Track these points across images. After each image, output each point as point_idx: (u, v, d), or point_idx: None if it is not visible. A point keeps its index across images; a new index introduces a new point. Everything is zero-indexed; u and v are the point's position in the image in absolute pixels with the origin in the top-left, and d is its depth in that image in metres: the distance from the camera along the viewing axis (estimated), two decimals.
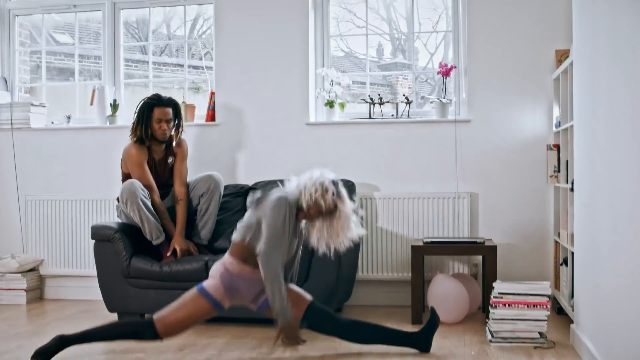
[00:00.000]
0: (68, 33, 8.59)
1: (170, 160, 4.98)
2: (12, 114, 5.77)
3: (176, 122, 4.94)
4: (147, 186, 4.78)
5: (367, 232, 5.24)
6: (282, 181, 3.89)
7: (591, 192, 3.58)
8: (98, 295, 5.41)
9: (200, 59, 8.59)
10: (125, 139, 5.57)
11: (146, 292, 4.68)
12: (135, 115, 4.88)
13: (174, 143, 4.98)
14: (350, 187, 5.05)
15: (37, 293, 5.70)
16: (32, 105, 5.80)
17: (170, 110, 4.88)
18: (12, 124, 5.78)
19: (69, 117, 5.90)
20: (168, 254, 4.70)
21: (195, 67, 8.71)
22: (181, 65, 7.44)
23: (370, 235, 5.25)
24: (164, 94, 5.03)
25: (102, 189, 5.67)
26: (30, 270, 5.66)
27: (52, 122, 5.95)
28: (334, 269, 4.44)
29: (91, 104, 5.84)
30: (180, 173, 4.95)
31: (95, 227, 4.77)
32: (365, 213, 5.25)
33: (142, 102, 4.91)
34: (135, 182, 4.68)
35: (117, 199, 4.86)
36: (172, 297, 4.57)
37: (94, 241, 4.83)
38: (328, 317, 3.81)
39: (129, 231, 4.77)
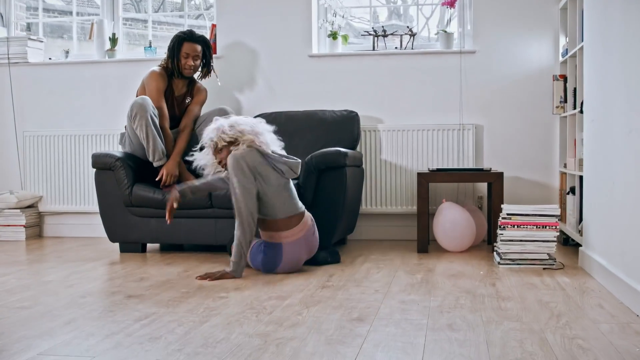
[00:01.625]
0: None
1: (187, 100, 4.94)
2: (9, 48, 5.67)
3: (205, 61, 4.93)
4: (159, 110, 4.70)
5: (371, 165, 5.19)
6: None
7: (603, 106, 3.52)
8: (97, 232, 5.38)
9: (196, 18, 8.45)
10: (124, 73, 5.51)
11: (148, 221, 4.62)
12: (167, 49, 4.85)
13: (197, 86, 4.98)
14: (353, 117, 4.99)
15: (36, 230, 5.63)
16: (30, 39, 5.69)
17: (199, 47, 4.84)
18: (9, 58, 5.67)
19: (67, 52, 5.79)
20: (157, 179, 4.61)
21: (192, 26, 8.58)
22: (177, 25, 7.30)
23: (374, 168, 5.19)
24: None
25: (101, 124, 5.59)
26: (29, 207, 5.59)
27: (50, 58, 5.84)
28: (339, 196, 4.37)
29: (89, 38, 5.73)
30: (191, 111, 4.91)
31: (96, 155, 4.69)
32: (369, 145, 5.19)
33: (175, 35, 4.86)
34: (147, 98, 4.59)
35: (125, 127, 4.79)
36: (175, 225, 4.55)
37: (94, 170, 4.76)
38: None
39: (131, 159, 4.69)
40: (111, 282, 3.67)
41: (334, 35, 5.31)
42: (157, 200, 4.54)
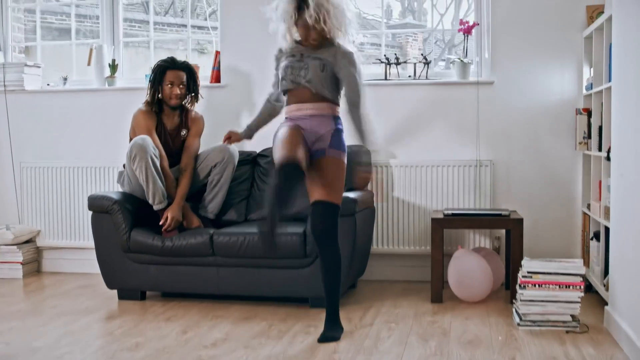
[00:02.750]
0: None
1: (183, 132, 4.67)
2: (5, 75, 5.43)
3: (191, 87, 4.65)
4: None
5: (382, 202, 4.92)
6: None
7: (633, 161, 3.24)
8: (98, 269, 5.14)
9: (205, 19, 8.19)
10: (125, 101, 5.27)
11: (147, 267, 4.38)
12: (149, 80, 4.60)
13: (191, 115, 4.70)
14: (365, 153, 4.73)
15: (34, 266, 5.41)
16: (26, 65, 5.45)
17: (183, 74, 4.58)
18: (5, 85, 5.44)
19: (65, 79, 5.55)
20: (160, 222, 4.38)
21: (200, 28, 8.28)
22: (186, 26, 7.07)
23: (386, 206, 4.93)
24: (167, 54, 4.72)
25: (101, 154, 5.34)
26: (27, 242, 5.37)
27: (48, 84, 5.60)
28: (349, 242, 4.12)
29: (88, 64, 5.48)
30: (190, 146, 4.63)
31: (93, 197, 4.45)
32: (380, 182, 4.93)
33: (155, 64, 4.62)
34: (147, 139, 4.35)
35: (123, 165, 4.56)
36: (175, 273, 4.32)
37: (91, 212, 4.53)
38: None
39: (129, 202, 4.46)
40: (104, 349, 3.44)
41: None
42: (156, 247, 4.30)
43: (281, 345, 3.46)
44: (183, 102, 4.66)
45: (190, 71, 4.63)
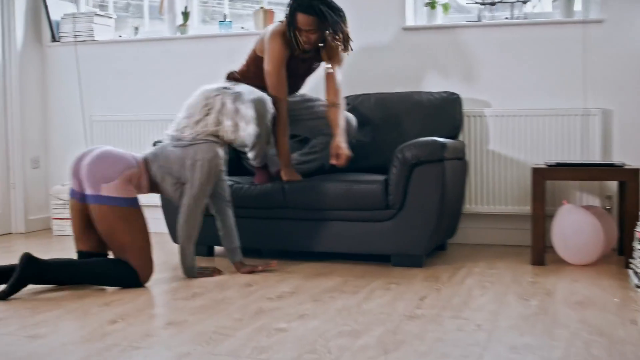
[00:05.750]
0: None
1: (314, 65, 4.10)
2: (76, 25, 5.18)
3: (332, 30, 3.90)
4: (275, 96, 3.90)
5: (476, 157, 4.42)
6: None
7: None
8: (165, 226, 4.83)
9: None
10: (197, 50, 4.96)
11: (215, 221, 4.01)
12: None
13: (328, 44, 4.02)
14: (455, 100, 4.24)
15: None
16: (97, 15, 5.18)
17: (313, 20, 3.83)
18: (75, 36, 5.18)
19: (136, 29, 5.26)
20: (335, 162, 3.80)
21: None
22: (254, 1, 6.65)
23: (480, 161, 4.42)
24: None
25: (172, 106, 5.01)
26: None
27: (120, 36, 5.33)
28: (435, 197, 3.64)
29: (160, 12, 5.17)
30: (334, 78, 3.98)
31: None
32: (473, 133, 4.42)
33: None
34: (270, 102, 3.83)
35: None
36: (245, 227, 3.94)
37: None
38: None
39: None
40: (158, 297, 3.09)
41: (432, 4, 4.54)
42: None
43: (355, 299, 3.02)
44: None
45: (320, 16, 3.83)
